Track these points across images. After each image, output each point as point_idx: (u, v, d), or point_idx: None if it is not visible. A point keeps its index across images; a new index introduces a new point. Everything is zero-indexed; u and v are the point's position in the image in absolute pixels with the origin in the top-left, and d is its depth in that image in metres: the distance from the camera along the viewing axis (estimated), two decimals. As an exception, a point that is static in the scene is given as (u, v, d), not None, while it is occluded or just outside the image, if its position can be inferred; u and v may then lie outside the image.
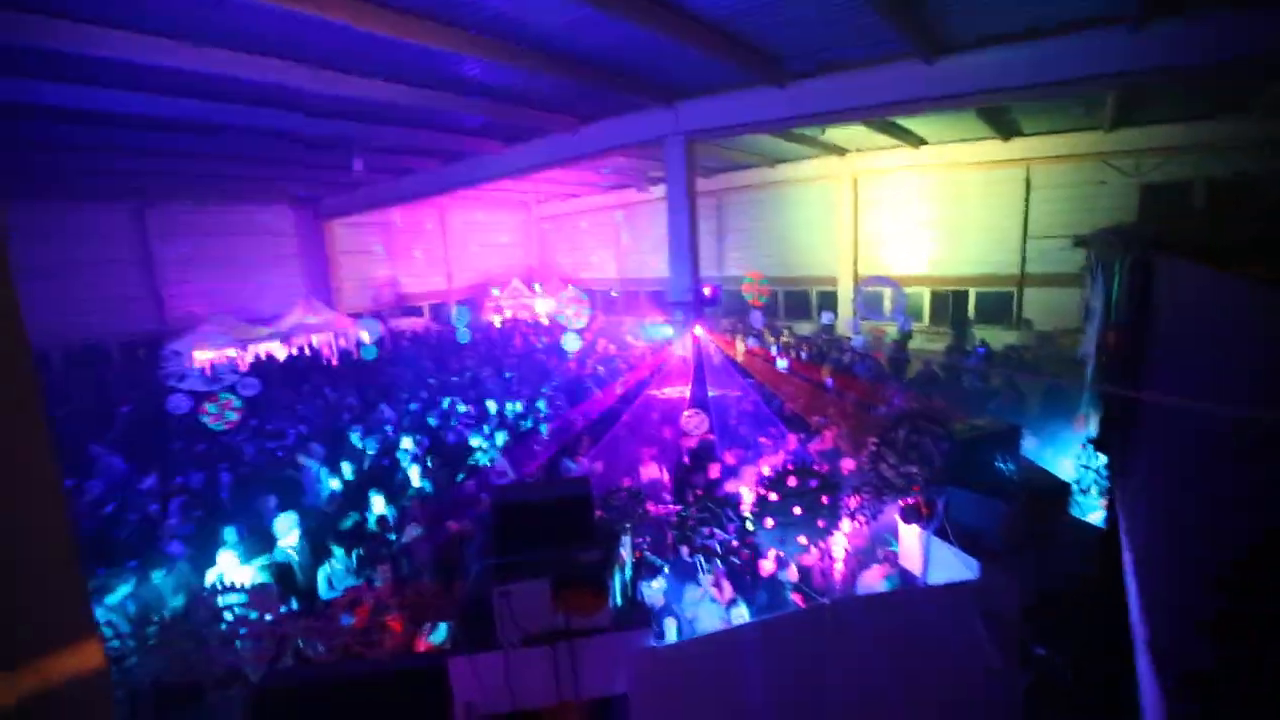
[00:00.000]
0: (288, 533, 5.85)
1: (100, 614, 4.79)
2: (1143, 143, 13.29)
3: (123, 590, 5.21)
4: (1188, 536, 1.87)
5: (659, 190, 20.32)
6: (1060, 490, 4.13)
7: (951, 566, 3.99)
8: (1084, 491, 4.50)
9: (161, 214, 17.53)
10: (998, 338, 14.46)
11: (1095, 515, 4.45)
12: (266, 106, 9.64)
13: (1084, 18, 7.23)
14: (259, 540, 6.12)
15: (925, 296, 17.23)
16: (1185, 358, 2.01)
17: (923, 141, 15.44)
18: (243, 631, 3.64)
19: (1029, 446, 5.56)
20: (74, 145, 10.91)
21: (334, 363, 16.07)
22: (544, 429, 9.12)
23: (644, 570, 4.14)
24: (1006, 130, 13.98)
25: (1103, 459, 3.96)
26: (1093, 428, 5.42)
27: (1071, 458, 5.89)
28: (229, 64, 7.33)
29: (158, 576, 5.67)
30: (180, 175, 14.62)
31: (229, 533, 5.93)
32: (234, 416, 8.29)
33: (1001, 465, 4.11)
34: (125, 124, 9.93)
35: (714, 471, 7.57)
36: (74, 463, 8.71)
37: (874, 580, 5.16)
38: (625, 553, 3.89)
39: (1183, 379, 1.93)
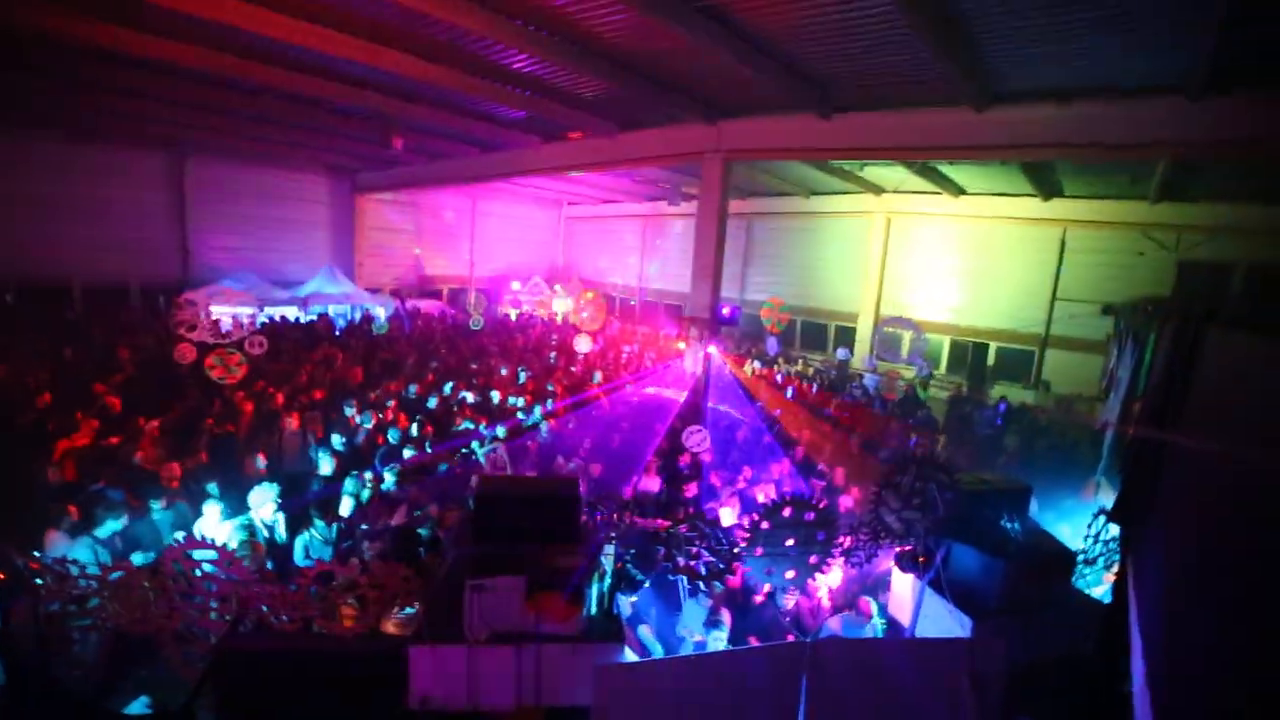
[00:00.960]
0: (262, 504, 5.71)
1: (84, 549, 4.73)
2: (1186, 219, 13.08)
3: (111, 525, 5.12)
4: (1211, 623, 1.74)
5: (690, 206, 20.33)
6: (1064, 558, 3.95)
7: (942, 621, 3.83)
8: (1089, 562, 4.32)
9: (199, 166, 17.77)
10: (1014, 396, 14.23)
11: (1098, 589, 4.27)
12: (308, 73, 9.71)
13: (1142, 85, 7.12)
14: (242, 499, 6.05)
15: (945, 345, 17.05)
16: (1232, 432, 1.90)
17: (962, 191, 15.33)
18: (211, 588, 3.57)
19: (1033, 509, 5.39)
20: (114, 88, 11.09)
21: (344, 334, 16.06)
22: (544, 426, 9.03)
23: (623, 583, 4.01)
24: (1048, 189, 13.83)
25: (1115, 531, 3.80)
26: (1107, 498, 5.24)
27: (1076, 526, 5.70)
28: (272, 25, 7.36)
29: (156, 510, 5.57)
30: (222, 132, 14.81)
31: (212, 487, 5.86)
32: (237, 372, 8.30)
33: (1006, 524, 3.95)
34: (169, 72, 10.06)
35: (691, 490, 7.42)
36: (80, 401, 8.76)
37: (836, 627, 4.97)
38: (606, 562, 3.78)
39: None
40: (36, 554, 3.76)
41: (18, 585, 3.39)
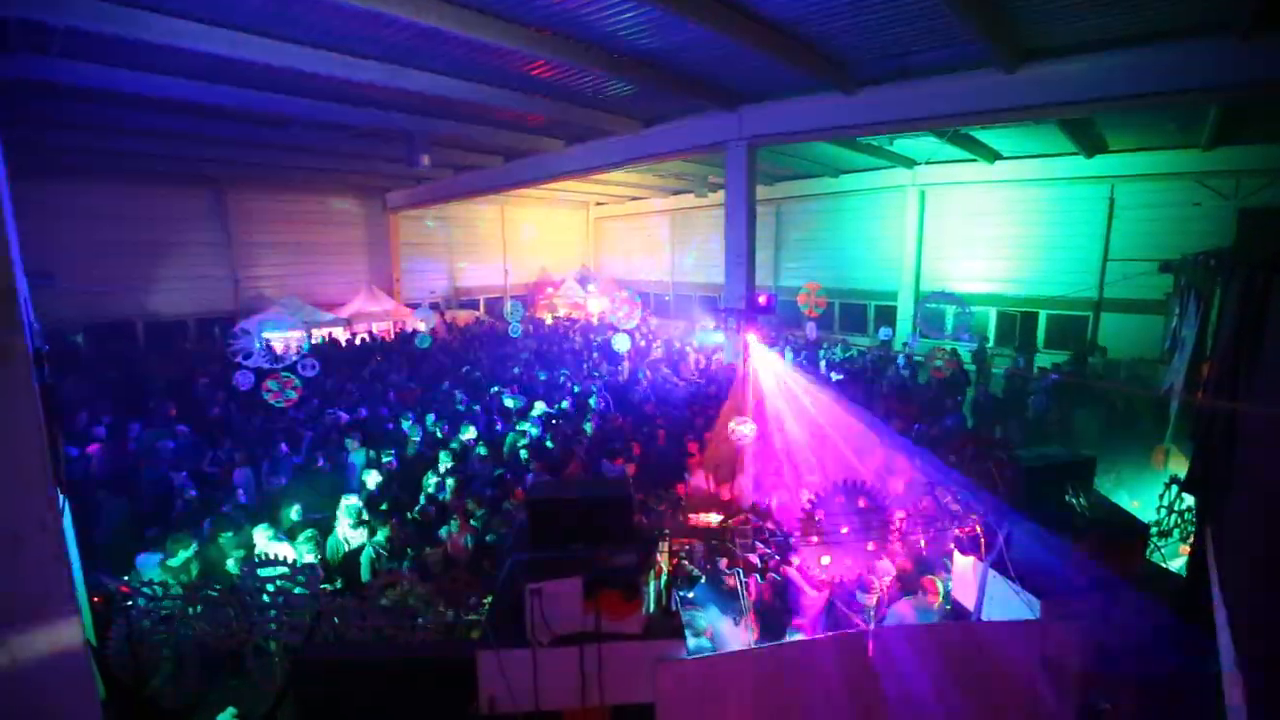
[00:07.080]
0: (345, 518, 5.97)
1: (158, 575, 5.02)
2: (1245, 163, 12.33)
3: (183, 555, 5.42)
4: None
5: (718, 196, 20.17)
6: (1137, 531, 3.80)
7: (1009, 603, 3.73)
8: (1164, 534, 4.13)
9: (239, 200, 18.50)
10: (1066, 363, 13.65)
11: (1176, 562, 4.09)
12: (334, 101, 10.02)
13: (1185, 25, 6.73)
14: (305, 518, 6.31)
15: (991, 316, 16.50)
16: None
17: (998, 155, 14.78)
18: (281, 602, 3.73)
19: (1100, 482, 5.18)
20: (153, 132, 11.68)
21: (389, 350, 16.50)
22: (588, 428, 9.10)
23: (680, 580, 4.03)
24: (1091, 146, 13.21)
25: (1190, 500, 3.62)
26: (1178, 466, 5.00)
27: (1148, 496, 5.46)
28: (299, 58, 7.63)
29: (225, 536, 5.88)
30: (255, 165, 15.41)
31: (296, 511, 6.15)
32: (293, 395, 8.64)
33: (1071, 499, 3.82)
34: (202, 113, 10.54)
35: (747, 484, 7.36)
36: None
37: (906, 611, 4.87)
38: (662, 560, 3.79)
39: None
40: (126, 579, 4.00)
41: (112, 608, 3.61)
